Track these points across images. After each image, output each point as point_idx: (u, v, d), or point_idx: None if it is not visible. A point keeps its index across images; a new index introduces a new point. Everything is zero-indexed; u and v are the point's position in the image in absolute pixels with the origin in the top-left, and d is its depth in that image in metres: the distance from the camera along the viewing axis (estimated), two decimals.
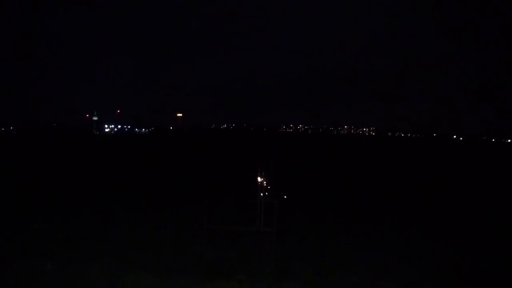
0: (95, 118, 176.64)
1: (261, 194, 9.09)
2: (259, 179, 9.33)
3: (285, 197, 10.43)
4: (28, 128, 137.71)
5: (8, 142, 66.82)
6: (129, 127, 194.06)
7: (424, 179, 27.62)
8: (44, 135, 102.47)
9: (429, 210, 15.76)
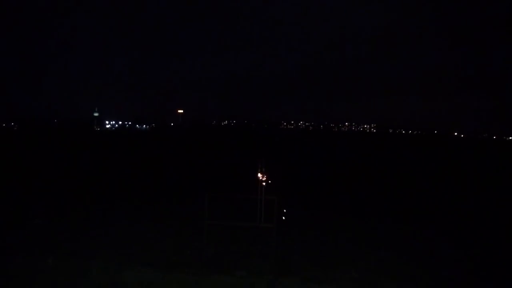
0: (96, 114, 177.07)
1: (262, 190, 9.08)
2: (259, 175, 9.31)
3: (284, 217, 10.54)
4: (29, 124, 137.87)
5: (9, 138, 66.93)
6: (130, 123, 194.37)
7: (425, 176, 27.60)
8: (45, 131, 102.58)
9: (431, 207, 15.75)
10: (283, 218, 10.46)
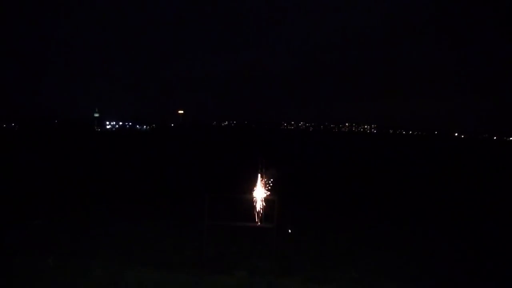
0: (96, 115, 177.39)
1: (262, 190, 9.09)
2: (259, 175, 9.33)
3: (289, 231, 10.64)
4: (29, 124, 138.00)
5: (10, 139, 66.98)
6: (130, 124, 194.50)
7: (425, 176, 27.59)
8: (46, 132, 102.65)
9: (431, 207, 15.75)
10: (289, 231, 10.42)
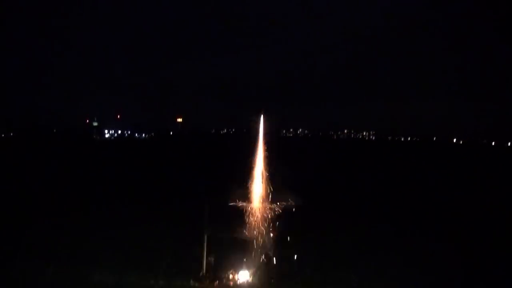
0: (95, 124, 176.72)
1: (262, 198, 9.16)
2: (259, 181, 9.40)
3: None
4: (29, 133, 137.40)
5: (10, 146, 66.74)
6: (129, 132, 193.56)
7: (425, 182, 27.62)
8: (45, 140, 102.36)
9: (429, 213, 15.79)
10: (295, 256, 10.36)
